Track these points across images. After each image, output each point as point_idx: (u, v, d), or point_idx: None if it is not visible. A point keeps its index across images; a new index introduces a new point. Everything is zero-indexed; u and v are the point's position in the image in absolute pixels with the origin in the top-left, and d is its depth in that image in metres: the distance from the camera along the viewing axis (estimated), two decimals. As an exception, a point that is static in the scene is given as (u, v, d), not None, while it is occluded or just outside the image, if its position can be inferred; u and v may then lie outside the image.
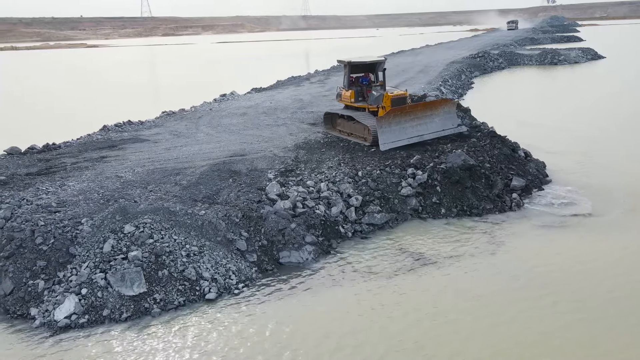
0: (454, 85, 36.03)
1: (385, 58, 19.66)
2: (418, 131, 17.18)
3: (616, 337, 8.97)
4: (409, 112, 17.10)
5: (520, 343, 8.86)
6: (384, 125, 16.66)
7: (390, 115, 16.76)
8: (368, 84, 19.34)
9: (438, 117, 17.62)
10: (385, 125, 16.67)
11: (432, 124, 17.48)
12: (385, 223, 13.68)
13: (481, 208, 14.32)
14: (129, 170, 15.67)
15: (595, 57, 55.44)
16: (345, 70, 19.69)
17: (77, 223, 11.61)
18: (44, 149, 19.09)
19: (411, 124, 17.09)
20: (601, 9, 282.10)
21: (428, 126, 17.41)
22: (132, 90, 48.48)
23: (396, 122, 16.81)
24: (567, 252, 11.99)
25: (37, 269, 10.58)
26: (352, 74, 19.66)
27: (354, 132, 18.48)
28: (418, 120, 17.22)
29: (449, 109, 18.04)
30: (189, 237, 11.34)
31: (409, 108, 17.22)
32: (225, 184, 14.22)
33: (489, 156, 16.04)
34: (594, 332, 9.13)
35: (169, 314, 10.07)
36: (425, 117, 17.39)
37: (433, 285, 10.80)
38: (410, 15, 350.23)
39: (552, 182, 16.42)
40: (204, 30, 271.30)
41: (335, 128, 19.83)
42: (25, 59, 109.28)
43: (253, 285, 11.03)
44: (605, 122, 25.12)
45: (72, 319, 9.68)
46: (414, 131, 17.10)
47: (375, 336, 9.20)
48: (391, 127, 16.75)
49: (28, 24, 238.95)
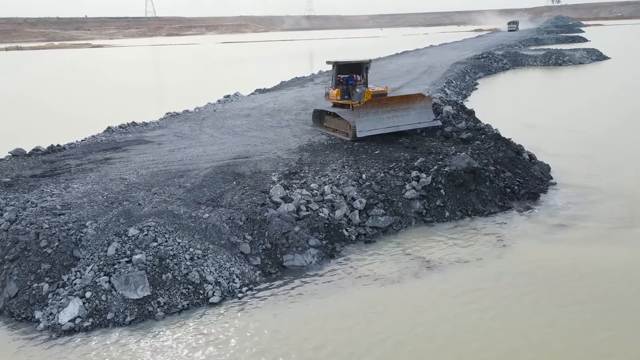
0: (458, 86, 35.95)
1: (370, 59, 21.42)
2: (394, 122, 18.33)
3: (619, 340, 8.92)
4: (385, 103, 18.34)
5: (524, 347, 8.82)
6: (361, 114, 17.87)
7: (367, 106, 18.08)
8: (353, 84, 20.61)
9: (414, 110, 18.73)
10: (362, 114, 17.86)
11: (408, 117, 18.61)
12: (389, 226, 13.65)
13: (486, 212, 14.26)
14: (133, 172, 15.70)
15: (600, 58, 55.25)
16: (333, 70, 21.07)
17: (82, 226, 11.63)
18: (48, 151, 19.15)
19: (388, 115, 18.25)
20: (606, 9, 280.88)
21: (404, 118, 18.54)
22: (136, 90, 48.61)
23: (373, 112, 18.00)
24: (571, 257, 11.92)
25: (42, 272, 10.60)
26: (339, 74, 21.00)
27: (339, 128, 19.54)
28: (395, 112, 18.39)
29: (426, 104, 19.10)
30: (192, 240, 11.34)
31: (385, 100, 18.58)
32: (229, 187, 14.23)
33: (493, 159, 15.98)
34: (598, 336, 9.07)
35: (173, 317, 10.06)
36: (402, 110, 18.53)
37: (437, 290, 10.75)
38: (415, 15, 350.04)
39: (557, 185, 16.35)
40: (208, 31, 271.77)
41: (323, 125, 20.91)
42: (30, 59, 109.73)
43: (257, 289, 11.02)
44: (610, 124, 25.02)
45: (76, 322, 9.69)
46: (390, 122, 18.26)
47: (378, 341, 9.17)
48: (368, 116, 17.92)
49: (33, 24, 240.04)
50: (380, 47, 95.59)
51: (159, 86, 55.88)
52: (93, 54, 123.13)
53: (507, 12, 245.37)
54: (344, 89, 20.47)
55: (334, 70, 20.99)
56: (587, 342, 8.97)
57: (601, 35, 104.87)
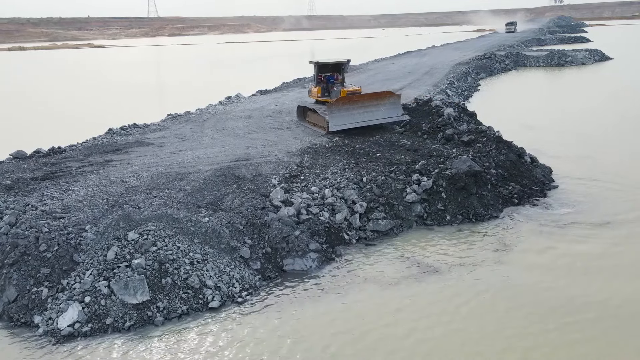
0: (460, 87, 35.85)
1: (348, 59, 23.12)
2: (365, 117, 19.89)
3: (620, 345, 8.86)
4: (356, 100, 20.04)
5: (527, 352, 8.77)
6: (333, 110, 19.60)
7: (339, 103, 19.81)
8: (333, 82, 22.45)
9: (384, 106, 20.26)
10: (335, 110, 19.59)
11: (378, 112, 20.12)
12: (389, 230, 13.60)
13: (487, 216, 14.20)
14: (134, 175, 15.68)
15: (603, 59, 55.04)
16: (315, 69, 22.95)
17: (81, 230, 11.62)
18: (49, 153, 19.14)
19: (359, 110, 19.88)
20: (609, 9, 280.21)
21: (374, 114, 20.07)
22: (137, 91, 48.63)
23: (345, 108, 19.69)
24: (573, 262, 11.86)
25: (41, 277, 10.58)
26: (320, 72, 22.83)
27: (318, 122, 21.03)
28: (365, 108, 19.99)
29: (395, 100, 20.59)
30: (192, 244, 11.31)
31: (356, 97, 20.27)
32: (229, 190, 14.19)
33: (494, 162, 15.91)
34: (602, 341, 9.02)
35: (172, 322, 10.03)
36: (372, 106, 20.08)
37: (437, 294, 10.71)
38: (417, 15, 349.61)
39: (558, 188, 16.27)
40: (210, 30, 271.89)
41: (306, 119, 22.40)
42: (33, 59, 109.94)
43: (256, 293, 10.98)
44: (613, 126, 24.91)
45: (75, 327, 9.67)
46: (360, 117, 19.84)
47: (379, 345, 9.13)
48: (340, 112, 19.59)
49: (36, 24, 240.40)
50: (382, 47, 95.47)
51: (161, 87, 55.89)
52: (95, 54, 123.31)
53: (509, 12, 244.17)
54: (324, 87, 22.35)
55: (315, 69, 22.93)
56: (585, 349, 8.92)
57: (604, 35, 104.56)
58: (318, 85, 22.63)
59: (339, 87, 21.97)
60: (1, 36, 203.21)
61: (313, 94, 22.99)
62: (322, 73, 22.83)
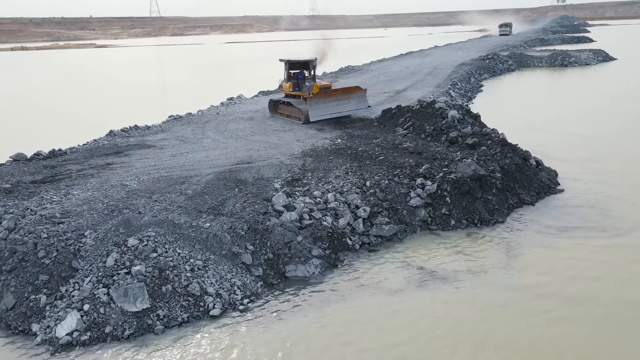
0: (463, 88, 35.60)
1: (316, 58, 25.81)
2: (338, 109, 23.02)
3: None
4: (331, 95, 23.11)
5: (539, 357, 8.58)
6: (312, 103, 22.43)
7: (318, 96, 22.69)
8: (303, 78, 24.96)
9: (353, 99, 23.54)
10: (314, 103, 22.42)
11: (348, 104, 23.39)
12: (393, 235, 13.39)
13: (492, 221, 13.99)
14: (134, 178, 15.50)
15: (607, 59, 54.69)
16: (286, 66, 25.47)
17: (81, 236, 11.43)
18: (49, 155, 18.99)
19: (333, 103, 22.93)
20: (611, 8, 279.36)
21: (345, 106, 23.30)
22: (139, 91, 48.47)
23: (322, 101, 22.61)
24: (580, 268, 11.64)
25: (40, 284, 10.40)
26: (290, 69, 25.39)
27: (292, 114, 24.01)
28: (338, 101, 23.08)
29: (361, 94, 23.86)
30: (193, 250, 11.13)
31: (331, 92, 23.33)
32: (230, 194, 14.00)
33: (499, 166, 15.68)
34: (604, 345, 8.82)
35: (173, 330, 9.84)
36: (344, 99, 23.27)
37: (442, 301, 10.50)
38: (419, 15, 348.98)
39: (564, 192, 16.05)
40: (212, 30, 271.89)
41: (277, 112, 25.50)
42: (35, 59, 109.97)
43: (258, 301, 10.79)
44: (619, 127, 24.64)
45: (73, 335, 9.48)
46: (334, 109, 22.92)
47: (383, 352, 8.94)
48: (318, 105, 22.48)
49: (38, 24, 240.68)
50: (384, 47, 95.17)
51: (162, 87, 55.72)
52: (97, 54, 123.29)
53: (510, 12, 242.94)
54: (294, 82, 24.82)
55: (286, 66, 25.38)
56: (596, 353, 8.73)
57: (607, 35, 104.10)
58: (289, 81, 25.09)
59: (310, 82, 24.28)
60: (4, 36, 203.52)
61: (285, 89, 25.56)
62: (292, 70, 25.40)
